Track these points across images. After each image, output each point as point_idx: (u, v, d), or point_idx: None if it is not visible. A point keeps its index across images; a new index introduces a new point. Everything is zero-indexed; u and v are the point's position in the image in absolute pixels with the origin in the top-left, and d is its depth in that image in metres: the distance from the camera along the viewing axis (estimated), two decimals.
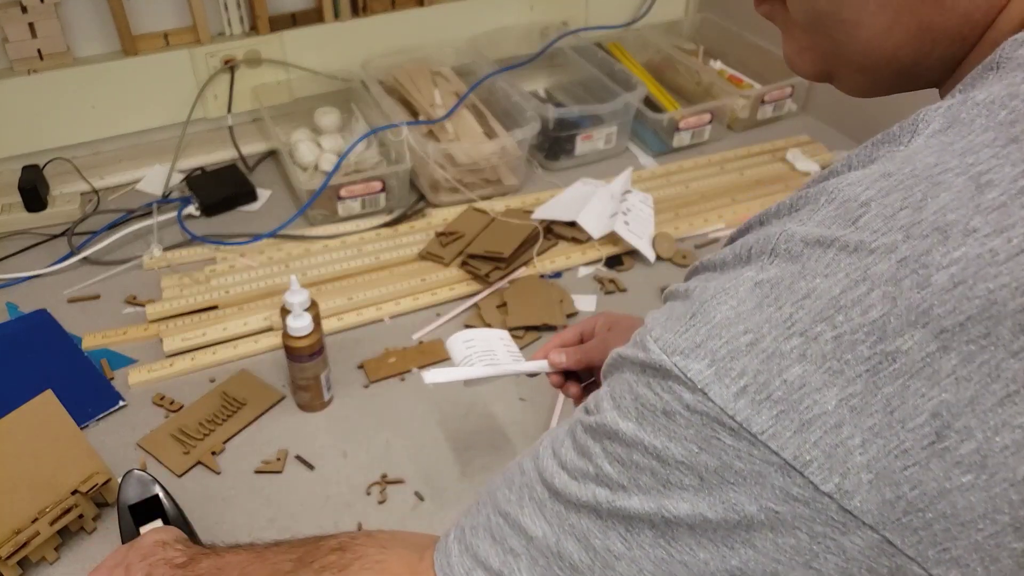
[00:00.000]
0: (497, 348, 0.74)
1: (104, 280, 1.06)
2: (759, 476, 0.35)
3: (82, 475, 0.75)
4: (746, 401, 0.35)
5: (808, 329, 0.34)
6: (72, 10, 1.18)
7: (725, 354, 0.35)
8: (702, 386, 0.36)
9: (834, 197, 0.36)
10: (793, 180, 1.26)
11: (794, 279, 0.35)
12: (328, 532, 0.64)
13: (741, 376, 0.35)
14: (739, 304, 0.36)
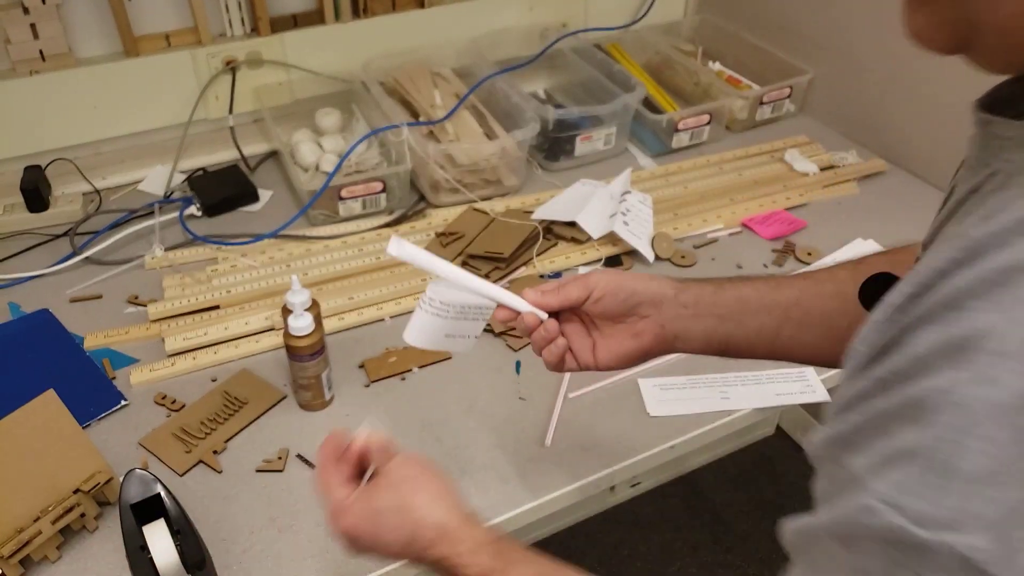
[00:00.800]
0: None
1: (106, 280, 1.06)
2: None
3: (84, 474, 0.75)
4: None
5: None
6: (74, 11, 1.18)
7: (1002, 519, 0.28)
8: (988, 568, 0.27)
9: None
10: (792, 180, 1.27)
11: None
12: (321, 530, 0.66)
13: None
14: (994, 447, 0.28)
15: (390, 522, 0.55)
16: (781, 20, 1.45)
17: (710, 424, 0.89)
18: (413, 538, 0.55)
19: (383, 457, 0.58)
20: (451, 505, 0.56)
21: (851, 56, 1.34)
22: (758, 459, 1.80)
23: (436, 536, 0.55)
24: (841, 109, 1.39)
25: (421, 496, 0.56)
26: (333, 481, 0.58)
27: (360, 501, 0.56)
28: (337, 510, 0.56)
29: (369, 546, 0.56)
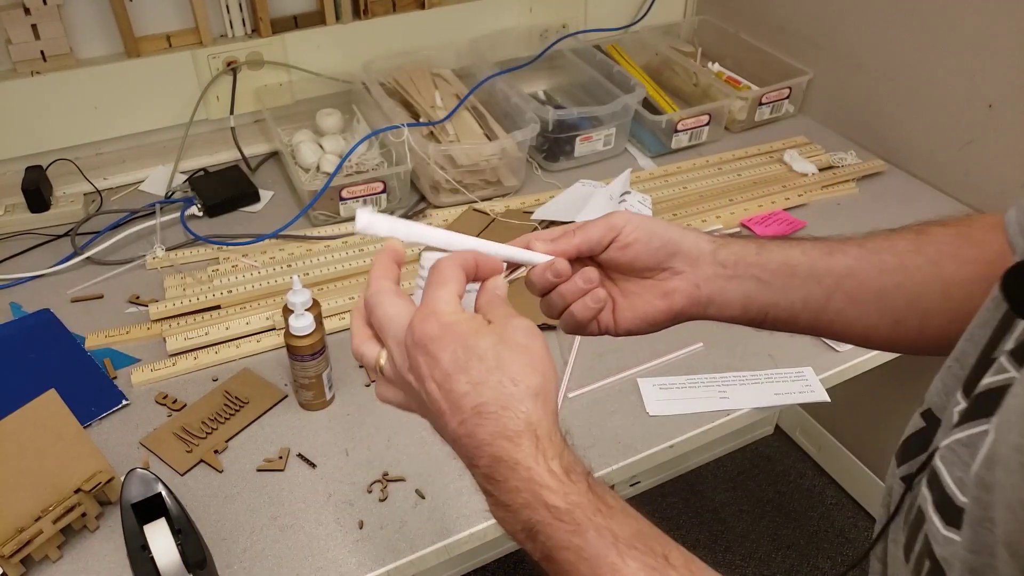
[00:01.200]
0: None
1: (107, 280, 1.07)
2: None
3: (85, 474, 0.75)
4: None
5: None
6: (75, 12, 1.19)
7: None
8: None
9: None
10: (791, 181, 1.27)
11: None
12: (328, 526, 0.63)
13: None
14: None
15: (477, 373, 0.42)
16: (780, 21, 1.46)
17: (709, 424, 0.89)
18: (489, 413, 0.42)
19: (503, 305, 0.47)
20: (554, 410, 0.44)
21: (850, 57, 1.35)
22: (757, 459, 1.81)
23: (519, 431, 0.41)
24: (840, 109, 1.39)
25: (530, 375, 0.43)
26: (457, 278, 0.46)
27: (462, 323, 0.44)
28: (430, 310, 0.44)
29: (429, 384, 0.43)
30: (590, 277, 0.54)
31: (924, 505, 0.45)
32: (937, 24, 1.19)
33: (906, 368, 1.17)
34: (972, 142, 1.20)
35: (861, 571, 0.58)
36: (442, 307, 0.44)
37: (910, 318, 0.56)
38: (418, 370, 0.44)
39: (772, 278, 0.56)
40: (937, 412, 0.52)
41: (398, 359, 0.45)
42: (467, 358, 0.43)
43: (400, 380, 0.46)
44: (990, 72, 1.14)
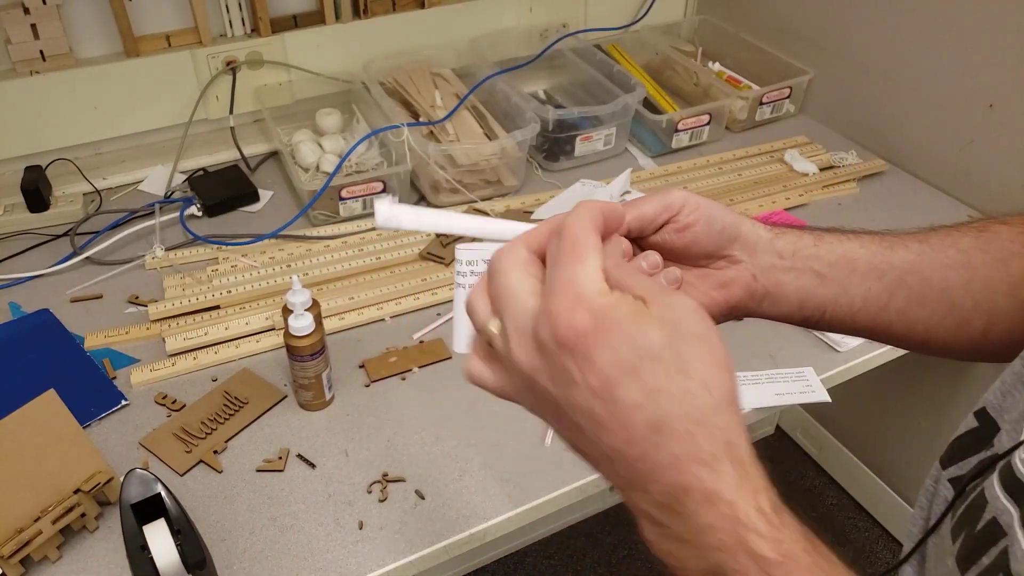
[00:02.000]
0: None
1: (106, 280, 1.06)
2: None
3: (84, 474, 0.75)
4: None
5: None
6: (74, 11, 1.18)
7: None
8: None
9: None
10: (791, 181, 1.27)
11: None
12: (328, 526, 0.62)
13: None
14: None
15: (653, 380, 0.33)
16: (781, 21, 1.46)
17: None
18: (674, 433, 0.33)
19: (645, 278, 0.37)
20: (744, 426, 0.35)
21: (851, 56, 1.35)
22: (758, 459, 1.80)
23: (715, 454, 0.33)
24: (841, 109, 1.39)
25: (722, 380, 0.34)
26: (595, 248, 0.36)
27: (626, 316, 0.34)
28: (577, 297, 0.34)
29: (577, 395, 0.34)
30: (655, 261, 0.42)
31: (1003, 518, 0.42)
32: (938, 24, 1.19)
33: (908, 368, 1.17)
34: (973, 142, 1.19)
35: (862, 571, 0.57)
36: (589, 288, 0.34)
37: (976, 319, 0.53)
38: (563, 375, 0.35)
39: (831, 272, 0.50)
40: (993, 412, 0.50)
41: (520, 352, 0.37)
42: (637, 358, 0.33)
43: (518, 372, 0.38)
44: (991, 72, 1.14)
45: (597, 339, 0.33)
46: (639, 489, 0.34)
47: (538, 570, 1.57)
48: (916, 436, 1.48)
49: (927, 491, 0.56)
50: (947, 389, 1.38)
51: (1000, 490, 0.44)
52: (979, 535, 0.45)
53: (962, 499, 0.49)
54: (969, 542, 0.46)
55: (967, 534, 0.46)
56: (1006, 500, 0.43)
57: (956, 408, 1.37)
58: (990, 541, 0.43)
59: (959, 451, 0.52)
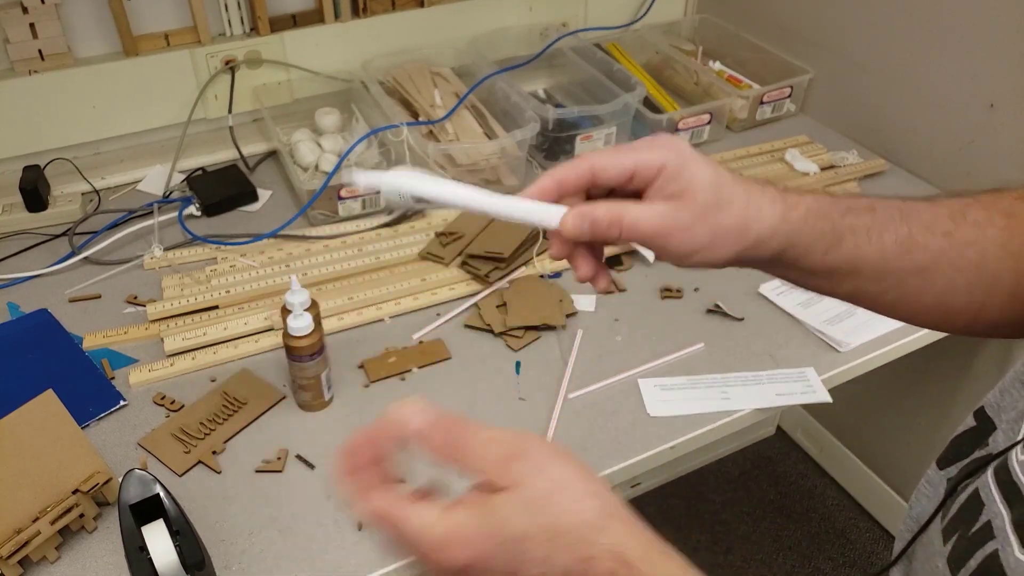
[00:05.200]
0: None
1: (105, 280, 1.06)
2: None
3: (83, 474, 0.75)
4: None
5: None
6: (73, 11, 1.18)
7: None
8: None
9: None
10: (792, 180, 1.27)
11: None
12: (327, 527, 0.62)
13: None
14: None
15: (537, 552, 0.37)
16: (781, 20, 1.45)
17: (710, 424, 0.89)
18: (579, 571, 0.37)
19: (486, 451, 0.40)
20: (630, 521, 0.39)
21: (851, 56, 1.34)
22: (758, 459, 1.80)
23: (613, 568, 0.37)
24: (841, 109, 1.39)
25: (585, 511, 0.38)
26: (401, 503, 0.40)
27: (482, 524, 0.38)
28: (440, 544, 0.38)
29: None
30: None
31: (995, 521, 0.42)
32: (939, 23, 1.19)
33: (908, 368, 1.17)
34: (973, 142, 1.19)
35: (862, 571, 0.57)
36: (433, 532, 0.38)
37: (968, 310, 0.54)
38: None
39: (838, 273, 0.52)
40: (991, 411, 0.50)
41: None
42: (518, 551, 0.37)
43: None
44: (992, 72, 1.14)
45: (476, 562, 0.37)
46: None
47: None
48: (916, 436, 1.48)
49: (920, 492, 0.56)
50: (947, 389, 1.38)
51: (996, 492, 0.44)
52: (972, 537, 0.45)
53: (953, 499, 0.48)
54: (962, 544, 0.46)
55: (960, 535, 0.46)
56: (1000, 503, 0.43)
57: (956, 408, 1.37)
58: (978, 543, 0.43)
59: (957, 451, 0.52)
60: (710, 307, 1.03)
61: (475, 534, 0.37)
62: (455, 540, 0.37)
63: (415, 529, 0.38)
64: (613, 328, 1.00)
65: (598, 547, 0.37)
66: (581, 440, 0.86)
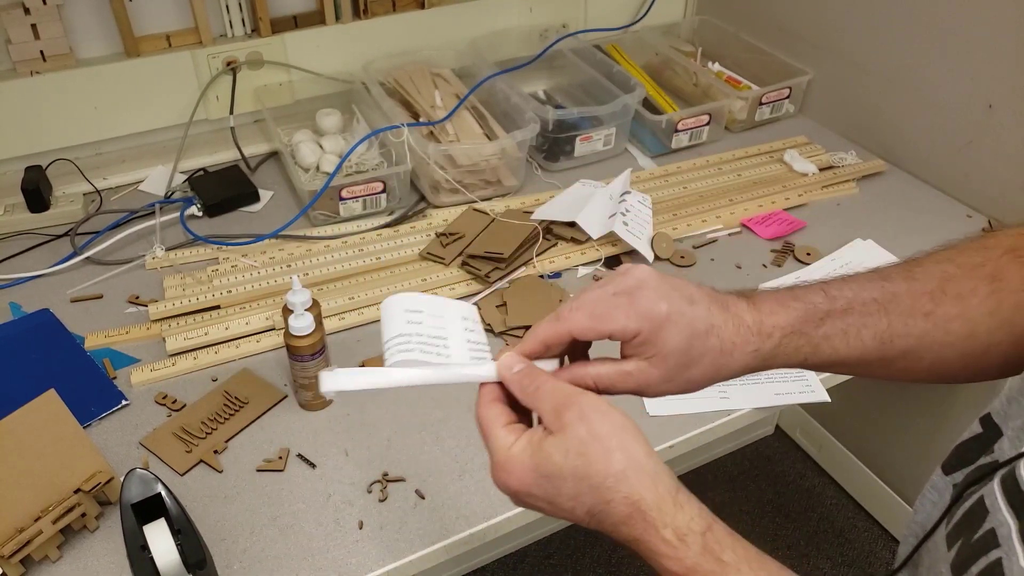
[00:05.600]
0: (452, 334, 0.53)
1: (107, 280, 1.07)
2: None
3: (85, 474, 0.75)
4: None
5: None
6: (75, 12, 1.19)
7: None
8: None
9: None
10: (791, 181, 1.27)
11: None
12: (328, 526, 0.63)
13: None
14: None
15: (568, 489, 0.46)
16: (780, 21, 1.46)
17: (709, 424, 0.89)
18: (599, 511, 0.46)
19: (547, 398, 0.48)
20: (651, 474, 0.46)
21: (850, 57, 1.35)
22: (757, 459, 1.81)
23: (629, 513, 0.45)
24: (840, 109, 1.39)
25: (611, 462, 0.45)
26: (495, 423, 0.49)
27: (531, 457, 0.46)
28: (501, 464, 0.47)
29: (545, 509, 0.48)
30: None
31: (1000, 530, 0.42)
32: (937, 24, 1.19)
33: None
34: (972, 142, 1.20)
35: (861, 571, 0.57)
36: (500, 454, 0.48)
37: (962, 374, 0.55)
38: (532, 507, 0.49)
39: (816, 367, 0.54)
40: (997, 418, 0.50)
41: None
42: (553, 486, 0.46)
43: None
44: (990, 72, 1.14)
45: (525, 488, 0.47)
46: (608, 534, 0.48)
47: (538, 570, 1.57)
48: (915, 436, 1.49)
49: (925, 497, 0.56)
50: (947, 389, 1.38)
51: (1002, 500, 0.44)
52: (975, 544, 0.45)
53: (959, 505, 0.48)
54: (966, 551, 0.46)
55: (964, 542, 0.46)
56: (1007, 511, 0.43)
57: (956, 408, 1.37)
58: (983, 551, 0.43)
59: (962, 457, 0.52)
60: None
61: (522, 465, 0.47)
62: (509, 466, 0.47)
63: (491, 446, 0.49)
64: None
65: (616, 493, 0.45)
66: None
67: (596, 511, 0.46)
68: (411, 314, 0.53)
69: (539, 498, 0.47)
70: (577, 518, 0.47)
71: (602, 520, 0.46)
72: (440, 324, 0.53)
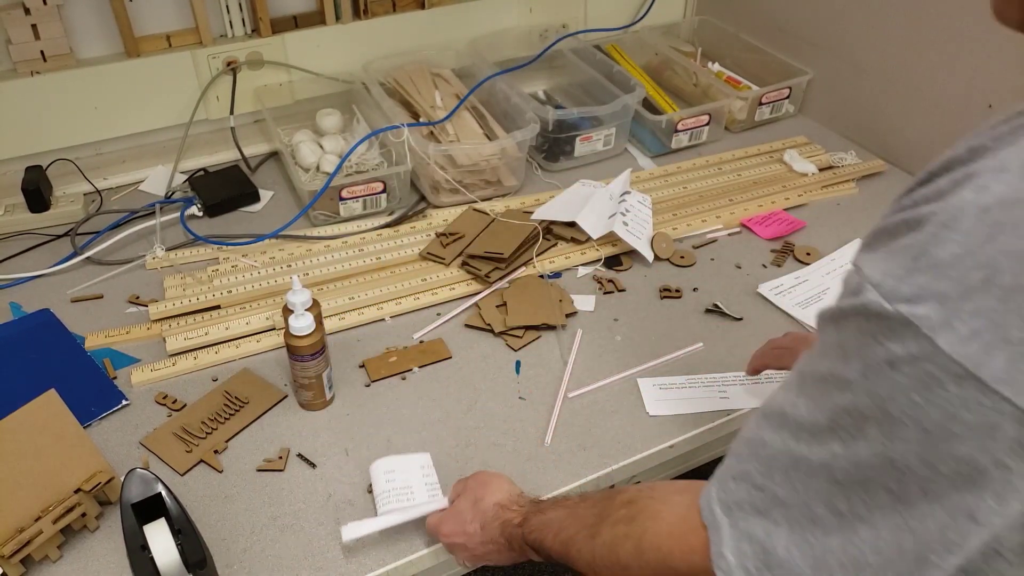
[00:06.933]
0: (415, 482, 0.79)
1: (107, 280, 1.07)
2: (990, 427, 0.32)
3: (85, 474, 0.75)
4: (978, 345, 0.32)
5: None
6: (75, 12, 1.19)
7: (956, 295, 0.32)
8: (929, 332, 0.33)
9: None
10: (791, 181, 1.27)
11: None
12: (328, 525, 0.65)
13: (973, 317, 0.32)
14: (967, 238, 0.33)
15: (467, 515, 0.71)
16: (780, 21, 1.46)
17: (709, 423, 0.89)
18: (484, 518, 0.70)
19: (459, 487, 0.76)
20: (506, 491, 0.72)
21: (850, 57, 1.35)
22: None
23: (497, 510, 0.69)
24: (840, 110, 1.39)
25: (486, 491, 0.72)
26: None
27: (447, 513, 0.74)
28: (435, 526, 0.74)
29: (460, 539, 0.71)
30: None
31: None
32: (937, 24, 1.19)
33: None
34: None
35: None
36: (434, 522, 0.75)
37: None
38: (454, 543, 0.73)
39: None
40: None
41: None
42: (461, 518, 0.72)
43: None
44: (990, 72, 1.14)
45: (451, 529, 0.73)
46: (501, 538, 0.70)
47: (538, 570, 1.57)
48: None
49: None
50: None
51: None
52: None
53: None
54: None
55: None
56: None
57: None
58: None
59: None
60: (709, 307, 1.03)
61: (442, 520, 0.74)
62: (436, 526, 0.74)
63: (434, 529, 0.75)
64: (613, 328, 1.01)
65: (489, 503, 0.71)
66: (581, 439, 0.86)
67: (484, 518, 0.70)
68: (388, 474, 0.79)
69: (455, 532, 0.72)
70: (478, 531, 0.70)
71: (486, 522, 0.70)
72: (406, 478, 0.79)
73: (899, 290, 0.34)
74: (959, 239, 0.33)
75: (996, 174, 0.34)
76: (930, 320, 0.33)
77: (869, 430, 0.36)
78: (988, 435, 0.32)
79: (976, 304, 0.32)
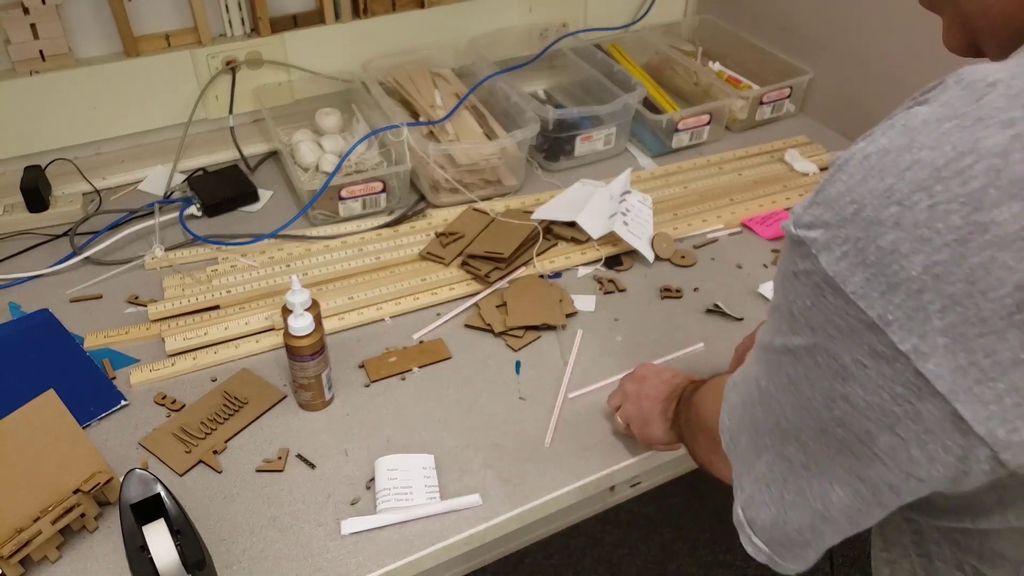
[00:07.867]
0: (416, 483, 0.80)
1: (106, 280, 1.06)
2: (853, 332, 0.40)
3: (84, 474, 0.75)
4: (846, 265, 0.39)
5: (905, 199, 0.37)
6: (74, 11, 1.18)
7: (834, 224, 0.40)
8: (815, 252, 0.41)
9: (962, 79, 0.42)
10: (791, 180, 1.27)
11: (900, 152, 0.38)
12: (327, 526, 0.64)
13: (844, 242, 0.39)
14: (849, 178, 0.40)
15: (654, 381, 0.83)
16: (781, 20, 1.46)
17: None
18: (666, 386, 0.80)
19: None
20: (676, 373, 0.83)
21: (851, 56, 1.35)
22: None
23: (675, 385, 0.79)
24: (841, 109, 1.39)
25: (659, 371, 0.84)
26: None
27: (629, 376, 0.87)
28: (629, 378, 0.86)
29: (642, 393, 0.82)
30: None
31: None
32: (938, 24, 1.19)
33: None
34: None
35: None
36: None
37: None
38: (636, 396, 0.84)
39: None
40: None
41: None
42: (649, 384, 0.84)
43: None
44: None
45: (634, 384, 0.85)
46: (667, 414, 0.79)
47: (538, 570, 1.57)
48: None
49: None
50: None
51: None
52: None
53: None
54: None
55: None
56: None
57: None
58: None
59: None
60: (710, 307, 1.03)
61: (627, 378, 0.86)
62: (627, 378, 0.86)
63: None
64: (613, 328, 1.00)
65: (659, 396, 0.80)
66: (581, 439, 0.86)
67: (665, 387, 0.80)
68: (391, 471, 0.80)
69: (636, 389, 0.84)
70: (657, 394, 0.80)
71: (666, 390, 0.80)
72: (408, 477, 0.80)
73: (802, 218, 0.42)
74: (844, 179, 0.40)
75: (885, 130, 0.41)
76: (816, 243, 0.41)
77: (782, 324, 0.45)
78: (851, 338, 0.40)
79: (847, 232, 0.39)
